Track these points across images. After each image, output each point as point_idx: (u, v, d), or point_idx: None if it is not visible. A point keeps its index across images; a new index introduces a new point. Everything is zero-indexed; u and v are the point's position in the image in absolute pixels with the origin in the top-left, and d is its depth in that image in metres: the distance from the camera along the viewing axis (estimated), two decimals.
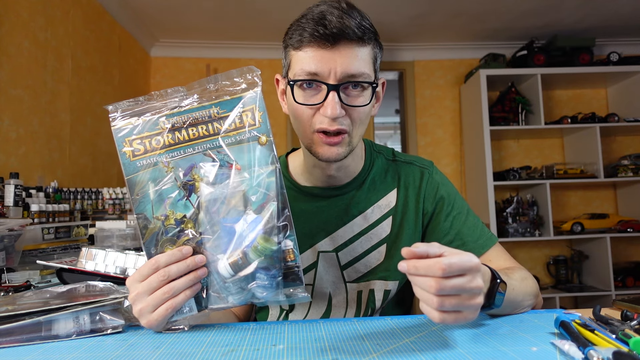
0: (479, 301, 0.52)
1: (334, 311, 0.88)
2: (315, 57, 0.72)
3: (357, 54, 0.72)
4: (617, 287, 3.20)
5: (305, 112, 0.75)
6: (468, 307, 0.51)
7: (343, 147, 0.76)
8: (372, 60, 0.76)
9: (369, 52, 0.75)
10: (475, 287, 0.51)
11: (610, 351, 0.45)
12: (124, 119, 0.64)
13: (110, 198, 2.19)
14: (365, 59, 0.74)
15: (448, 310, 0.51)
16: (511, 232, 3.32)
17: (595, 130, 3.31)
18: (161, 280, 0.61)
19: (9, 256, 1.23)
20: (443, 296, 0.50)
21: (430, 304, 0.51)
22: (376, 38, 0.77)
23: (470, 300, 0.51)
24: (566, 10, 3.18)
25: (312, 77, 0.72)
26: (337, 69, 0.71)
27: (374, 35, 0.76)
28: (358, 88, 0.74)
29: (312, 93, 0.74)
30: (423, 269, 0.51)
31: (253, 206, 0.62)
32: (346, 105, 0.73)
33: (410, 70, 3.86)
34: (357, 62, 0.72)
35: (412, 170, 0.91)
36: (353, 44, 0.72)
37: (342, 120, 0.74)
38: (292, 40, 0.75)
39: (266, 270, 0.62)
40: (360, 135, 0.79)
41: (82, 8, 2.58)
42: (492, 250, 0.86)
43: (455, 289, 0.50)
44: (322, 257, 0.87)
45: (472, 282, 0.51)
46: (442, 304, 0.50)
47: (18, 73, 2.00)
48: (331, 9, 0.72)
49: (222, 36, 3.55)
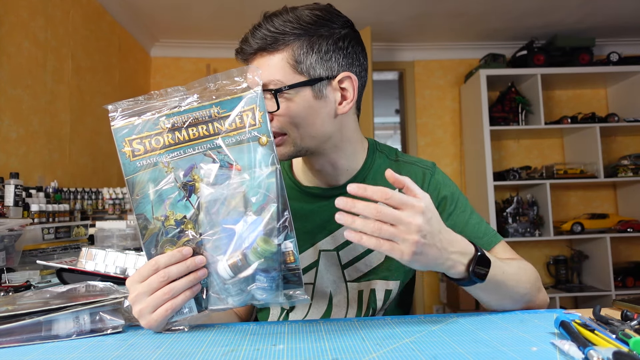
0: (414, 238, 0.58)
1: (335, 311, 0.88)
2: None
3: (267, 63, 0.76)
4: (617, 287, 3.20)
5: None
6: (403, 240, 0.58)
7: (287, 147, 0.78)
8: (288, 64, 0.75)
9: (282, 57, 0.75)
10: (411, 222, 0.58)
11: (610, 351, 0.45)
12: (123, 119, 0.63)
13: (110, 198, 2.19)
14: (276, 66, 0.75)
15: (384, 237, 0.57)
16: (511, 232, 3.32)
17: (595, 130, 3.31)
18: (161, 281, 0.61)
19: (9, 256, 1.23)
20: (381, 222, 0.57)
21: (369, 228, 0.57)
22: (306, 36, 0.76)
23: (406, 234, 0.58)
24: (566, 10, 3.18)
25: None
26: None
27: (294, 38, 0.75)
28: (268, 95, 0.75)
29: None
30: (370, 195, 0.58)
31: (253, 207, 0.62)
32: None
33: (410, 70, 3.86)
34: (265, 72, 0.75)
35: (414, 171, 0.91)
36: (264, 54, 0.76)
37: (272, 124, 0.76)
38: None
39: (266, 272, 0.62)
40: (310, 135, 0.79)
41: (82, 8, 2.58)
42: (496, 247, 0.86)
43: (392, 218, 0.57)
44: (323, 256, 0.87)
45: (409, 217, 0.58)
46: (380, 229, 0.57)
47: (18, 73, 2.00)
48: (256, 26, 0.77)
49: (222, 36, 3.55)
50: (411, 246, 0.58)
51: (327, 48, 0.77)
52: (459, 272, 0.65)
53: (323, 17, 0.77)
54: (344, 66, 0.79)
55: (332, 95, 0.79)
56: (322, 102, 0.78)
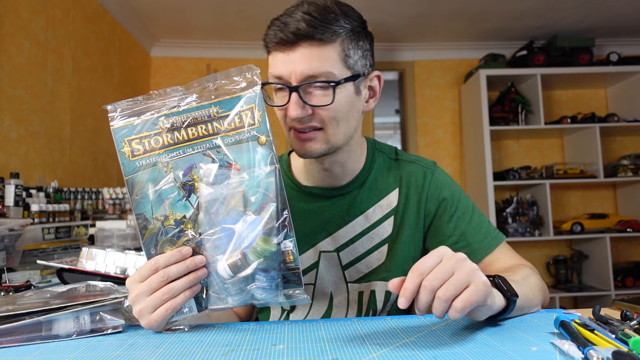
0: (469, 267, 0.53)
1: (335, 311, 0.88)
2: (278, 61, 0.74)
3: (318, 54, 0.72)
4: (617, 287, 3.20)
5: (280, 113, 0.78)
6: (469, 278, 0.52)
7: (318, 143, 0.77)
8: (339, 57, 0.74)
9: (334, 49, 0.74)
10: (456, 260, 0.53)
11: (609, 351, 0.45)
12: (122, 119, 0.63)
13: (111, 198, 2.19)
14: (329, 58, 0.73)
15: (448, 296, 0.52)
16: (511, 232, 3.32)
17: (595, 130, 3.31)
18: (161, 281, 0.61)
19: (9, 256, 1.23)
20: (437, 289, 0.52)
21: (435, 305, 0.52)
22: (354, 31, 0.76)
23: (470, 272, 0.53)
24: (566, 10, 3.18)
25: (278, 80, 0.75)
26: (297, 71, 0.72)
27: (344, 31, 0.74)
28: (321, 87, 0.74)
29: (281, 95, 0.77)
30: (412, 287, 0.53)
31: (252, 207, 0.62)
32: (310, 105, 0.74)
33: (410, 70, 3.86)
34: (318, 63, 0.72)
35: (415, 170, 0.91)
36: (314, 44, 0.72)
37: (310, 118, 0.75)
38: (264, 44, 0.78)
39: (265, 272, 0.62)
40: (343, 132, 0.78)
41: (83, 8, 2.58)
42: (498, 250, 0.86)
43: (440, 273, 0.52)
44: (324, 257, 0.87)
45: (450, 259, 0.54)
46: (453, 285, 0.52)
47: (18, 73, 2.00)
48: (296, 11, 0.73)
49: (222, 36, 3.55)
50: (482, 276, 0.54)
51: (366, 46, 0.79)
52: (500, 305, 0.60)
53: (359, 16, 0.79)
54: (373, 65, 0.82)
55: (364, 92, 0.80)
56: (358, 99, 0.79)
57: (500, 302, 0.60)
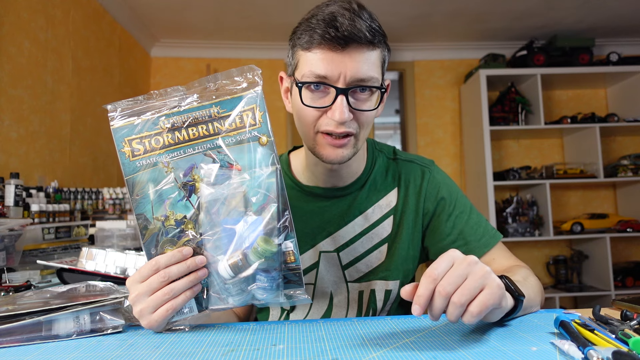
0: (483, 270, 0.52)
1: (335, 311, 0.88)
2: (324, 60, 0.71)
3: (367, 57, 0.71)
4: (617, 287, 3.21)
5: (311, 114, 0.75)
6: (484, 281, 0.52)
7: (348, 149, 0.76)
8: (380, 63, 0.75)
9: (378, 55, 0.74)
10: (468, 263, 0.52)
11: (609, 351, 0.45)
12: (123, 119, 0.63)
13: (111, 198, 2.19)
14: (375, 63, 0.73)
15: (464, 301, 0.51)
16: (511, 232, 3.32)
17: (595, 130, 3.31)
18: (161, 282, 0.61)
19: (9, 256, 1.23)
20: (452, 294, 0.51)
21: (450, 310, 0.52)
22: (385, 40, 0.76)
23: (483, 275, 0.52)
24: (566, 10, 3.18)
25: (321, 79, 0.72)
26: (347, 73, 0.70)
27: (383, 38, 0.75)
28: (366, 92, 0.73)
29: (320, 95, 0.74)
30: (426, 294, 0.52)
31: (253, 207, 0.62)
32: (354, 109, 0.73)
33: (410, 70, 3.86)
34: (367, 66, 0.71)
35: (413, 169, 0.91)
36: (363, 47, 0.71)
37: (350, 123, 0.74)
38: (300, 40, 0.73)
39: (266, 272, 0.62)
40: (365, 137, 0.80)
41: (83, 8, 2.58)
42: (495, 249, 0.86)
43: (454, 278, 0.51)
44: (324, 257, 0.87)
45: (462, 263, 0.53)
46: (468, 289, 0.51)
47: (18, 73, 2.00)
48: (342, 10, 0.70)
49: (222, 36, 3.55)
50: (496, 279, 0.53)
51: (389, 55, 0.79)
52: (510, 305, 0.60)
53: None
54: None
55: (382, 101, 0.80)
56: (378, 104, 0.79)
57: (510, 302, 0.59)
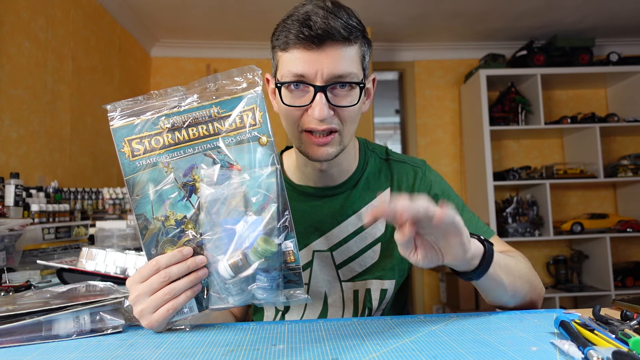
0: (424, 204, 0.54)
1: (331, 311, 0.88)
2: (301, 59, 0.72)
3: (343, 54, 0.72)
4: (617, 287, 3.21)
5: (294, 113, 0.76)
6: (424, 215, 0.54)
7: (334, 146, 0.77)
8: (359, 58, 0.76)
9: (356, 51, 0.74)
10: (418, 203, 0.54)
11: (609, 351, 0.45)
12: (122, 119, 0.63)
13: (111, 198, 2.19)
14: (352, 58, 0.74)
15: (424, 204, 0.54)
16: (511, 232, 3.32)
17: (595, 130, 3.31)
18: (162, 282, 0.61)
19: (9, 256, 1.23)
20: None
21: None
22: (364, 35, 0.77)
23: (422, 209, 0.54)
24: (566, 10, 3.18)
25: (299, 78, 0.73)
26: (324, 70, 0.71)
27: (361, 33, 0.75)
28: (345, 88, 0.74)
29: (299, 94, 0.75)
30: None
31: (253, 207, 0.62)
32: (334, 105, 0.74)
33: (410, 70, 3.86)
34: (344, 62, 0.72)
35: (405, 169, 0.92)
36: (339, 44, 0.72)
37: (331, 119, 0.74)
38: (278, 41, 0.75)
39: (266, 272, 0.62)
40: (351, 133, 0.79)
41: (83, 8, 2.58)
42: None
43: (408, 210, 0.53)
44: (317, 257, 0.87)
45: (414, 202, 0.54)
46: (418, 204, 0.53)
47: (18, 73, 2.00)
48: (316, 9, 0.71)
49: (222, 36, 3.55)
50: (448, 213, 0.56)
51: (369, 50, 0.80)
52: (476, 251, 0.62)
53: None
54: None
55: (364, 94, 0.80)
56: (362, 100, 0.79)
57: (477, 248, 0.61)
